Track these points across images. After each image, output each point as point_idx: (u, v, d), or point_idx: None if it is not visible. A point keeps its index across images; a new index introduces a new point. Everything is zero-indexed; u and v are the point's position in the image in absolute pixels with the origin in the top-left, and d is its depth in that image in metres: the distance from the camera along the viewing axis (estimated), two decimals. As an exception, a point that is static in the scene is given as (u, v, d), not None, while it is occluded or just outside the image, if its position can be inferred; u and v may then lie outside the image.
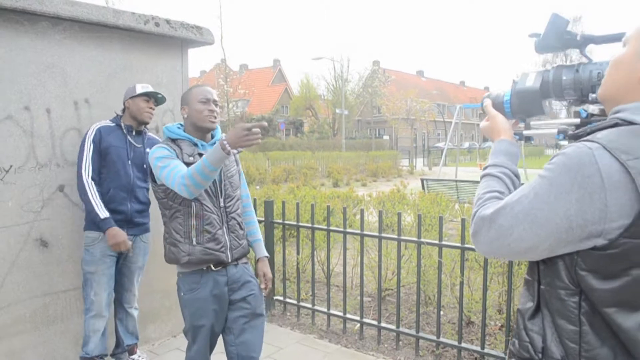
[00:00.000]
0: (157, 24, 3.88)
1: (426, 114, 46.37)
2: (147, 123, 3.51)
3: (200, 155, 2.56)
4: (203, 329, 2.61)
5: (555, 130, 1.43)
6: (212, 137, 2.72)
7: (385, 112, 48.78)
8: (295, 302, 4.68)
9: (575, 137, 1.24)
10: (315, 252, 4.72)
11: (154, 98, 3.49)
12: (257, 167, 20.24)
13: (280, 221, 4.69)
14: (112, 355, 3.66)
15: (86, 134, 3.35)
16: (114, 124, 3.43)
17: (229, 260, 2.61)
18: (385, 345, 4.14)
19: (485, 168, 1.44)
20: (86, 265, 3.35)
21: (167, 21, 3.97)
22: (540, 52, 1.47)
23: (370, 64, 53.32)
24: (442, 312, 4.17)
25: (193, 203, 2.51)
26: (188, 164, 2.47)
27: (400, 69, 65.85)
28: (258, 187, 12.73)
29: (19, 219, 3.31)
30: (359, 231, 4.20)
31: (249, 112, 44.47)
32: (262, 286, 2.80)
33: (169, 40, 4.08)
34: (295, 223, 4.62)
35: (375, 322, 4.20)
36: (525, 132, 1.55)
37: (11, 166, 3.26)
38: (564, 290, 1.20)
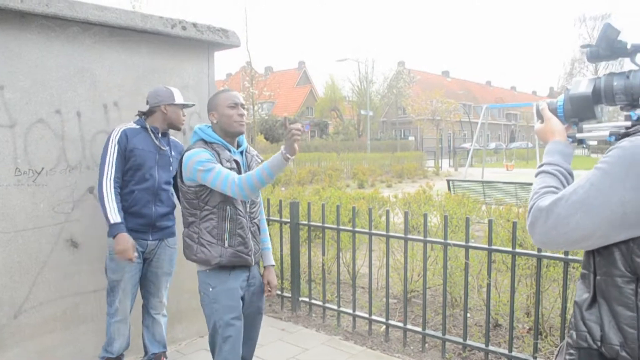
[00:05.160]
0: (184, 28, 3.93)
1: (452, 115, 45.99)
2: (179, 129, 3.52)
3: (236, 161, 2.65)
4: (238, 322, 2.63)
5: (607, 133, 1.50)
6: (239, 145, 2.78)
7: (411, 113, 48.59)
8: (320, 303, 4.69)
9: (627, 136, 1.31)
10: (340, 254, 4.72)
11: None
12: (282, 168, 20.27)
13: (306, 222, 4.70)
14: None
15: (110, 135, 3.31)
16: (138, 126, 3.38)
17: (252, 263, 2.73)
18: (411, 348, 4.12)
19: (541, 166, 1.52)
20: (111, 273, 3.32)
21: (194, 24, 4.02)
22: (592, 61, 1.54)
23: (395, 64, 53.20)
24: (469, 315, 4.13)
25: (228, 207, 2.60)
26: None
27: (425, 69, 65.51)
28: (283, 188, 12.78)
29: (50, 220, 3.38)
30: (384, 232, 4.19)
31: (275, 114, 44.65)
32: (267, 293, 2.91)
33: (195, 43, 4.13)
34: (320, 224, 4.63)
35: (401, 324, 4.18)
36: (578, 135, 1.61)
37: (43, 168, 3.33)
38: (620, 277, 1.25)
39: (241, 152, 2.77)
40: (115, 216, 3.16)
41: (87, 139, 3.53)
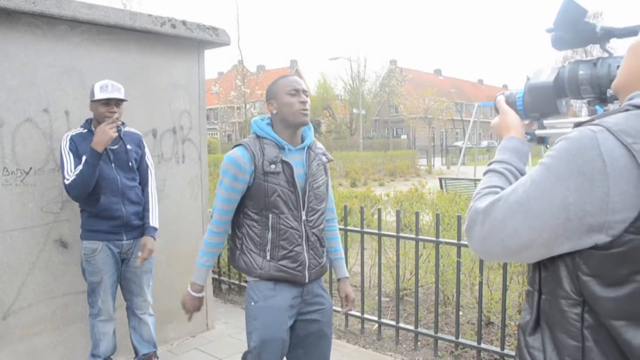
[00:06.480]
0: (173, 26, 3.90)
1: (444, 113, 46.12)
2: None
3: (284, 162, 2.29)
4: (276, 344, 2.32)
5: (570, 130, 1.25)
6: (302, 139, 2.43)
7: (403, 112, 48.70)
8: (312, 302, 4.67)
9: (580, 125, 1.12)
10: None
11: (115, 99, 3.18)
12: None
13: (298, 221, 4.67)
14: None
15: (60, 146, 3.17)
16: (85, 130, 3.21)
17: (306, 280, 2.38)
18: (404, 346, 4.11)
19: (490, 164, 1.33)
20: (90, 276, 3.25)
21: (184, 22, 3.99)
22: (558, 48, 1.35)
23: (387, 63, 53.26)
24: (461, 313, 4.13)
25: (270, 215, 2.30)
26: (268, 173, 2.27)
27: (417, 67, 65.60)
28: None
29: (39, 220, 3.35)
30: (376, 231, 4.18)
31: (267, 113, 44.55)
32: (344, 310, 2.70)
33: (185, 41, 4.10)
34: (312, 223, 4.60)
35: (393, 323, 4.17)
36: (538, 132, 1.44)
37: (31, 168, 3.30)
38: (565, 299, 1.06)
39: (303, 148, 2.40)
40: (82, 162, 3.04)
41: (76, 138, 3.49)
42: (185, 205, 4.22)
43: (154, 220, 3.40)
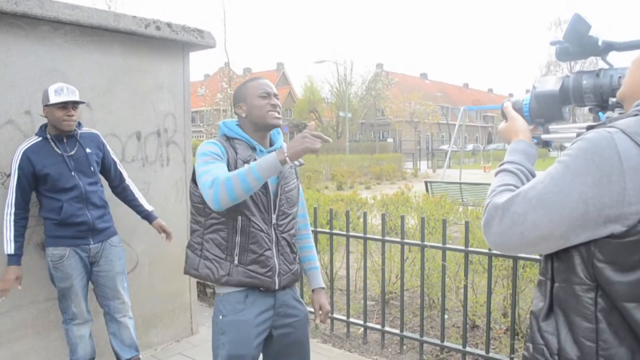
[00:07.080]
0: (158, 28, 3.88)
1: (430, 117, 46.37)
2: (70, 131, 3.15)
3: None
4: None
5: (574, 134, 1.40)
6: (271, 144, 2.37)
7: (389, 115, 48.89)
8: (298, 306, 4.65)
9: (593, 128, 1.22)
10: (318, 256, 4.68)
11: (72, 102, 3.09)
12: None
13: (283, 225, 4.65)
14: None
15: (13, 159, 3.06)
16: (40, 139, 3.11)
17: (276, 287, 2.26)
18: (389, 350, 4.11)
19: (501, 165, 1.42)
20: (60, 282, 3.20)
21: (168, 24, 3.96)
22: (562, 59, 1.46)
23: (374, 66, 53.36)
24: (446, 316, 4.14)
25: (239, 217, 2.17)
26: None
27: (403, 71, 65.98)
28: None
29: (20, 224, 3.29)
30: (362, 234, 4.18)
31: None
32: (318, 321, 2.53)
33: (170, 43, 4.07)
34: (298, 226, 4.59)
35: (378, 326, 4.17)
36: (544, 137, 1.53)
37: (12, 171, 3.24)
38: (579, 285, 1.16)
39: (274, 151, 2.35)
40: (9, 247, 3.02)
41: (59, 140, 3.45)
42: (170, 208, 4.18)
43: (147, 205, 3.59)
